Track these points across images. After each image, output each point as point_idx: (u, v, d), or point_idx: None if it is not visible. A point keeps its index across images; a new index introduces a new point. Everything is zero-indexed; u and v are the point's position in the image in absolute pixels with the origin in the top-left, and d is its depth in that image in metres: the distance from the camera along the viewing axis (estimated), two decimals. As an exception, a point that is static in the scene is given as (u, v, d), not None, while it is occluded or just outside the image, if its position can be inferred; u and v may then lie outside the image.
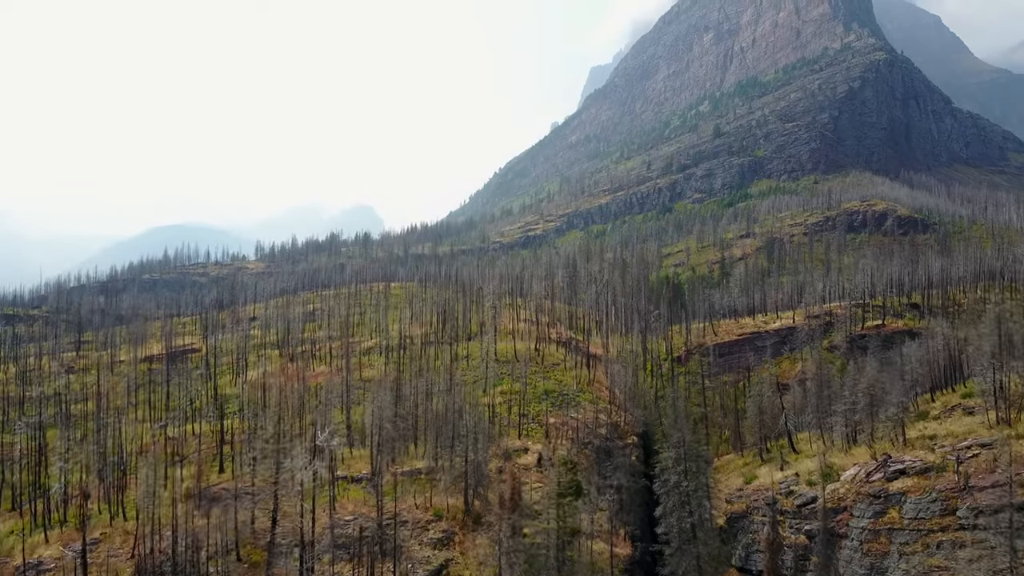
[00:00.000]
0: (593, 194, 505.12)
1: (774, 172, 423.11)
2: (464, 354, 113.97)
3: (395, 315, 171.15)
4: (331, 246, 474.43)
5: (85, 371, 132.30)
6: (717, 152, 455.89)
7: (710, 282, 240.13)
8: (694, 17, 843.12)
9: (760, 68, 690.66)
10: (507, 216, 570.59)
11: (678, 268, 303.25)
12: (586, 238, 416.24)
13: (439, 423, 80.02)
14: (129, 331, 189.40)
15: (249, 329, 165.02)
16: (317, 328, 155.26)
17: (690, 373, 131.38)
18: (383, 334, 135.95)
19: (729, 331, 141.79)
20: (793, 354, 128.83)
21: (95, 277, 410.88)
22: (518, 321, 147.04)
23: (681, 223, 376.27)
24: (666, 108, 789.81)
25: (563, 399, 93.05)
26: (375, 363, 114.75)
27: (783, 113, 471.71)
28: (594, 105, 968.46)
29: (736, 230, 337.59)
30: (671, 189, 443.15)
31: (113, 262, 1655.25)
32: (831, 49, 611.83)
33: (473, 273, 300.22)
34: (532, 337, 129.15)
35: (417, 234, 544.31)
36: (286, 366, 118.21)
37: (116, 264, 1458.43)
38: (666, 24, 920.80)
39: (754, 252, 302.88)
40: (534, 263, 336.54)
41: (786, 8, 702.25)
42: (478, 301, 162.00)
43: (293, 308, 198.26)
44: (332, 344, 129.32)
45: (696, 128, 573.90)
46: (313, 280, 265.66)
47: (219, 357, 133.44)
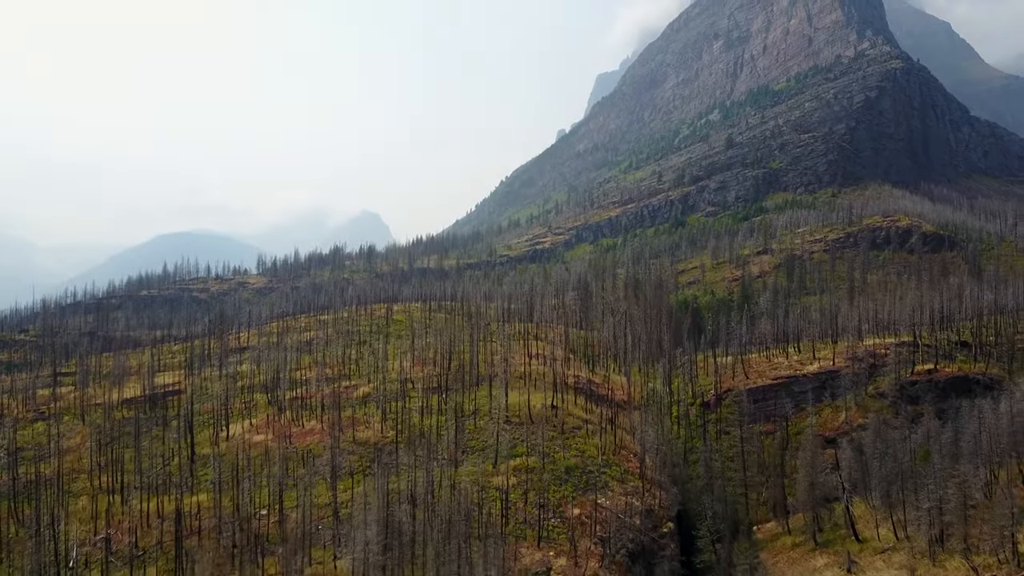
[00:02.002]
0: (602, 206, 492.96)
1: (790, 185, 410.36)
2: (471, 409, 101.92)
3: (397, 346, 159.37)
4: (335, 259, 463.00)
5: (58, 417, 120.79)
6: (731, 163, 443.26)
7: (729, 305, 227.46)
8: (703, 24, 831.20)
9: (771, 76, 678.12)
10: (514, 228, 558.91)
11: (693, 286, 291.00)
12: (596, 252, 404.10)
13: (441, 540, 66.47)
14: (115, 360, 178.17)
15: (239, 364, 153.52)
16: (312, 364, 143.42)
17: (721, 420, 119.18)
18: (381, 375, 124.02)
19: (762, 372, 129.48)
20: (836, 402, 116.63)
21: (92, 292, 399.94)
22: (530, 359, 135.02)
23: (695, 238, 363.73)
24: (675, 117, 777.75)
25: (587, 478, 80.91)
26: (371, 416, 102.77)
27: (798, 123, 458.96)
28: (601, 113, 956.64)
29: (752, 246, 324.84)
30: (683, 202, 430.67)
31: (121, 270, 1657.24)
32: (844, 57, 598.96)
33: (480, 293, 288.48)
34: (547, 381, 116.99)
35: (423, 246, 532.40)
36: (273, 419, 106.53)
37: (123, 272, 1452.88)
38: (674, 31, 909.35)
39: (772, 270, 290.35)
40: (543, 280, 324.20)
41: (798, 15, 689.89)
42: (486, 336, 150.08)
43: (289, 336, 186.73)
44: (325, 390, 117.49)
45: (707, 138, 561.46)
46: (313, 302, 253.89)
47: (203, 400, 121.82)
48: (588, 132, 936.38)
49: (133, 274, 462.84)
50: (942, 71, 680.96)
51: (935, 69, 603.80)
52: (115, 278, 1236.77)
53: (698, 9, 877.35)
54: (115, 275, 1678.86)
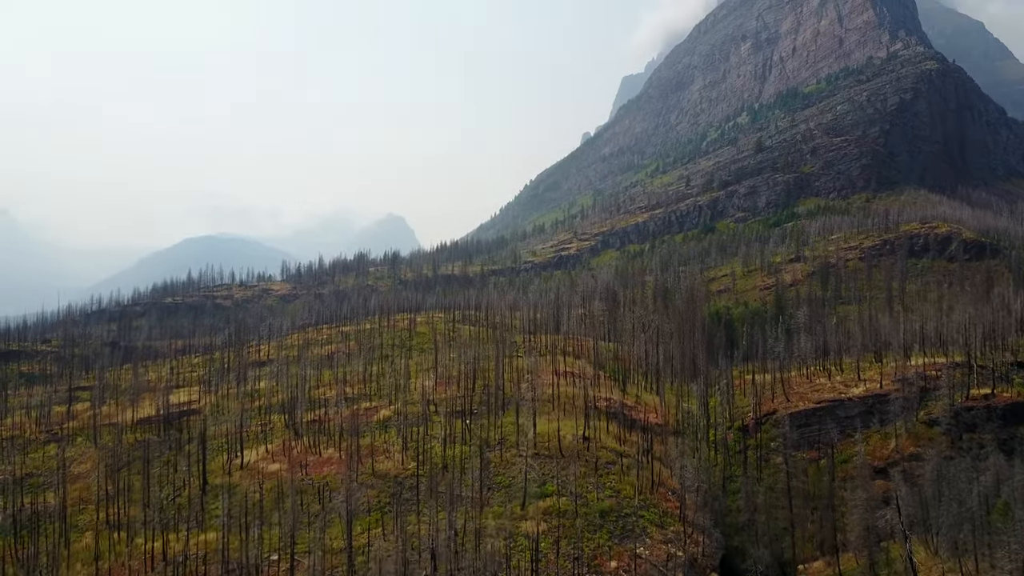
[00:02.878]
0: (629, 211, 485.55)
1: (822, 190, 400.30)
2: (497, 439, 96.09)
3: (419, 363, 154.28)
4: (359, 265, 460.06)
5: (70, 439, 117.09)
6: (760, 168, 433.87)
7: (763, 316, 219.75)
8: (730, 26, 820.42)
9: (801, 78, 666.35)
10: (539, 233, 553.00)
11: (723, 295, 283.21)
12: (623, 259, 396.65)
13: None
14: (133, 374, 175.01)
15: (257, 380, 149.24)
16: (332, 381, 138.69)
17: (760, 446, 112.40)
18: (403, 396, 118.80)
19: (803, 394, 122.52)
20: (884, 428, 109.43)
21: (117, 298, 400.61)
22: (558, 378, 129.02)
23: (724, 245, 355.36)
24: (702, 120, 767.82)
25: (623, 524, 74.75)
26: (391, 445, 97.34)
27: (830, 127, 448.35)
28: (627, 116, 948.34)
29: (785, 253, 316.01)
30: (712, 207, 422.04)
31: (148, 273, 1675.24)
32: (876, 58, 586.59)
33: (505, 302, 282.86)
34: (576, 406, 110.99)
35: (447, 252, 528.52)
36: (289, 444, 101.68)
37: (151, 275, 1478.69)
38: (701, 33, 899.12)
39: (805, 278, 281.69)
40: (569, 289, 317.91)
41: (828, 16, 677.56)
42: (512, 352, 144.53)
43: (310, 348, 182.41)
44: (344, 412, 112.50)
45: (736, 141, 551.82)
46: (336, 311, 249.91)
47: (219, 421, 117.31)
48: (614, 135, 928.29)
49: (161, 277, 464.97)
50: (976, 72, 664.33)
51: (969, 70, 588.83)
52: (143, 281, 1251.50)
53: (725, 11, 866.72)
54: (143, 278, 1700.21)
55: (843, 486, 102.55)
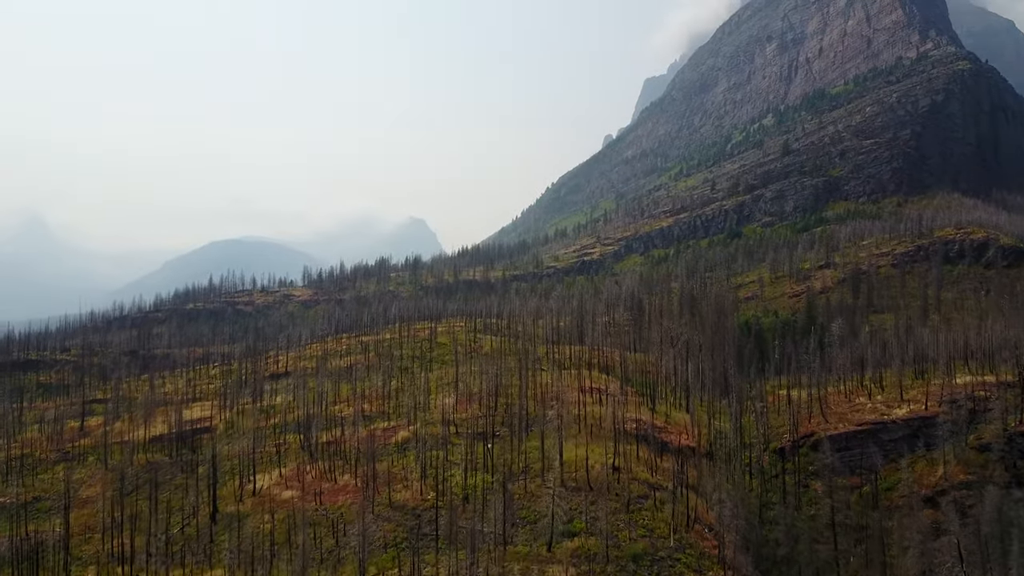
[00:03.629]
0: (653, 215, 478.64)
1: (851, 193, 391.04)
2: (521, 467, 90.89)
3: (440, 377, 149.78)
4: (380, 271, 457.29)
5: (81, 459, 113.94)
6: (788, 171, 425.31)
7: (793, 326, 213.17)
8: (755, 27, 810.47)
9: (828, 80, 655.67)
10: (561, 238, 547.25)
11: (751, 303, 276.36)
12: (647, 264, 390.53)
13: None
14: (149, 386, 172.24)
15: (274, 395, 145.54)
16: (351, 396, 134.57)
17: (798, 471, 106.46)
18: (422, 415, 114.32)
19: (842, 415, 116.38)
20: (931, 453, 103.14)
21: (139, 303, 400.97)
22: (584, 394, 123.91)
23: (751, 250, 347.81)
24: (727, 122, 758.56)
25: (658, 569, 69.12)
26: (410, 471, 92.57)
27: (859, 129, 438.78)
28: (650, 119, 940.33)
29: (814, 259, 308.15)
30: (738, 211, 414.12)
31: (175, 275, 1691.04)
32: (906, 59, 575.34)
33: (527, 309, 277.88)
34: (604, 428, 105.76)
35: (468, 257, 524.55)
36: (304, 469, 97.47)
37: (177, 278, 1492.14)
38: (725, 35, 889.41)
39: (836, 285, 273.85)
40: (592, 295, 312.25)
41: (856, 16, 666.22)
42: (535, 367, 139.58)
43: (329, 360, 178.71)
44: (361, 432, 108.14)
45: (761, 144, 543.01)
46: (356, 319, 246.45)
47: (233, 440, 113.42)
48: (636, 138, 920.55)
49: (186, 280, 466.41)
50: (1008, 71, 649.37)
51: (1001, 69, 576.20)
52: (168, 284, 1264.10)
53: (750, 12, 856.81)
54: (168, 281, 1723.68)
55: (888, 515, 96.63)
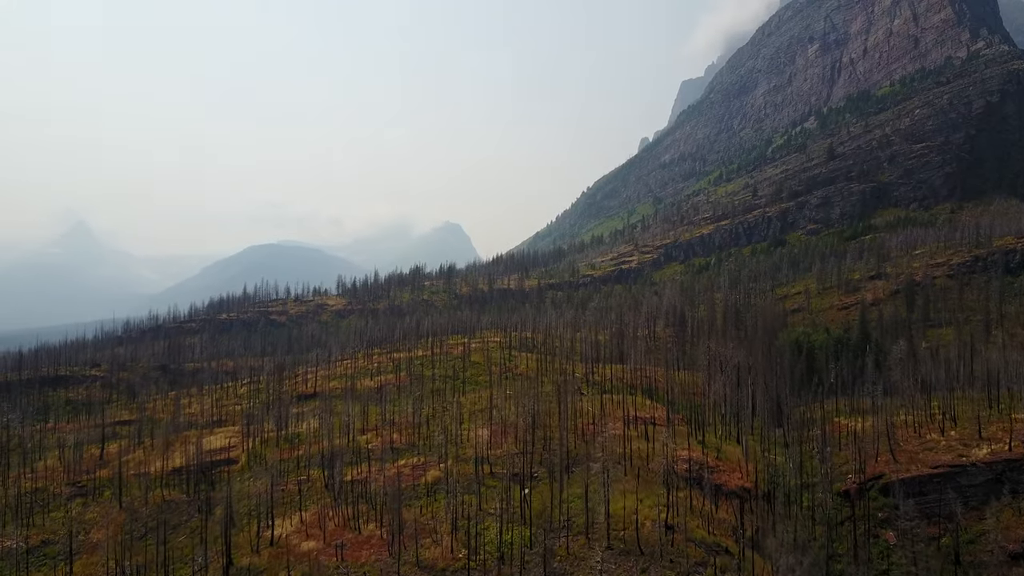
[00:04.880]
0: (693, 222, 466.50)
1: (901, 200, 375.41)
2: (561, 519, 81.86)
3: (472, 401, 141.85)
4: (414, 280, 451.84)
5: (96, 494, 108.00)
6: (833, 176, 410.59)
7: (846, 343, 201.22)
8: (796, 28, 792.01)
9: (873, 81, 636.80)
10: (598, 245, 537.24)
11: (798, 315, 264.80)
12: (688, 274, 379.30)
13: None
14: (176, 408, 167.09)
15: (301, 419, 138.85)
16: (379, 425, 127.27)
17: (867, 517, 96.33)
18: (454, 450, 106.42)
19: (913, 454, 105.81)
20: (1019, 502, 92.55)
21: (174, 312, 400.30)
22: (628, 428, 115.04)
23: (796, 259, 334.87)
24: (767, 125, 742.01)
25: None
26: (439, 520, 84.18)
27: (909, 132, 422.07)
28: (688, 122, 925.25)
29: (863, 269, 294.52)
30: (782, 218, 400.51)
31: (212, 280, 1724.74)
32: (956, 59, 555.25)
33: (564, 321, 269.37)
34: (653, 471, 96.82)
35: (503, 264, 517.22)
36: (327, 514, 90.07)
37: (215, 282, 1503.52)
38: (765, 36, 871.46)
39: (888, 297, 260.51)
40: (632, 307, 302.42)
41: (902, 15, 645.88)
42: (575, 392, 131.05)
43: (359, 381, 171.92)
44: (389, 469, 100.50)
45: (804, 148, 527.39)
46: (389, 335, 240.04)
47: (253, 476, 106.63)
48: (674, 142, 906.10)
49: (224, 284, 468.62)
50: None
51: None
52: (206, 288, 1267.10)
53: (791, 12, 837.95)
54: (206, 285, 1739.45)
55: (971, 573, 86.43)
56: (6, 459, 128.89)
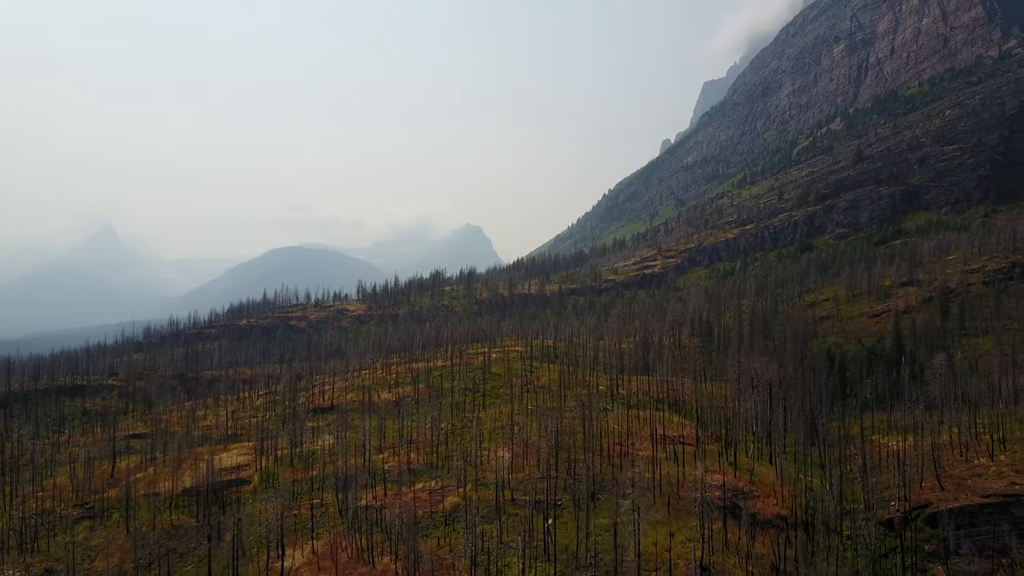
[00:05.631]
0: (717, 226, 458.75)
1: (933, 203, 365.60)
2: (587, 555, 76.49)
3: (493, 417, 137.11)
4: (434, 284, 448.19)
5: (105, 515, 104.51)
6: (861, 179, 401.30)
7: (880, 354, 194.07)
8: (822, 28, 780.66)
9: (900, 81, 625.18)
10: (620, 249, 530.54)
11: (825, 322, 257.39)
12: (712, 279, 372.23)
13: None
14: (192, 418, 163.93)
15: (316, 435, 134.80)
16: (396, 442, 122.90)
17: (915, 551, 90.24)
18: (474, 472, 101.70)
19: (961, 481, 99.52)
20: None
21: (194, 318, 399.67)
22: (657, 449, 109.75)
23: (824, 264, 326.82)
24: (791, 126, 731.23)
25: None
26: (457, 555, 79.11)
27: (940, 134, 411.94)
28: (711, 123, 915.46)
29: (894, 275, 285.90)
30: (808, 222, 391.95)
31: (236, 282, 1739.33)
32: (987, 58, 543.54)
33: (586, 327, 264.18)
34: (684, 498, 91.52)
35: (523, 269, 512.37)
36: (340, 543, 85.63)
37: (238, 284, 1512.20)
38: (789, 36, 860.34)
39: (921, 305, 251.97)
40: (656, 313, 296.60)
41: (931, 14, 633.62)
42: (599, 404, 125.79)
43: (377, 393, 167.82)
44: (405, 494, 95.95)
45: (831, 150, 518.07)
46: (409, 342, 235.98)
47: (265, 499, 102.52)
48: (696, 143, 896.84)
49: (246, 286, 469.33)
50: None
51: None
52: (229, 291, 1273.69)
53: (815, 12, 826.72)
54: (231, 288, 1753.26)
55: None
56: (16, 475, 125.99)
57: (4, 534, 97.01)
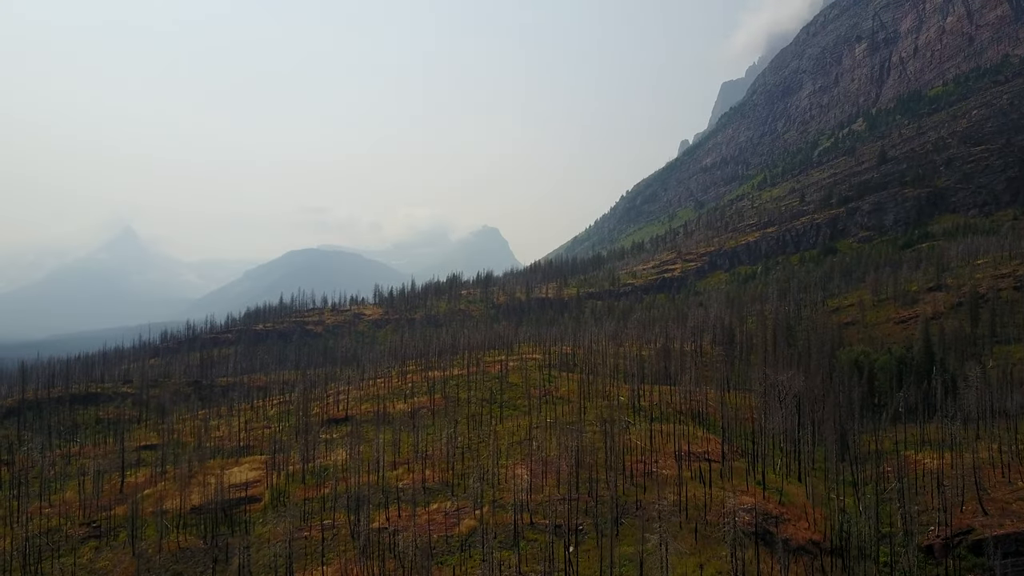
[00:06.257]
0: (737, 229, 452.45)
1: (960, 206, 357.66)
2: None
3: (511, 430, 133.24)
4: (451, 288, 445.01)
5: (112, 535, 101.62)
6: (886, 181, 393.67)
7: (909, 363, 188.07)
8: (843, 27, 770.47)
9: (924, 80, 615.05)
10: (638, 252, 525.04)
11: (850, 328, 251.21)
12: (733, 283, 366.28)
13: None
14: (204, 429, 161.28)
15: (329, 449, 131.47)
16: (411, 459, 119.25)
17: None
18: (492, 493, 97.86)
19: (1005, 504, 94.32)
20: None
21: (211, 321, 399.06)
22: (682, 467, 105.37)
23: (848, 268, 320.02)
24: (812, 127, 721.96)
25: None
26: (476, 583, 75.71)
27: (966, 134, 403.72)
28: (730, 124, 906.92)
29: (921, 280, 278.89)
30: (831, 225, 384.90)
31: (255, 284, 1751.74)
32: (1014, 56, 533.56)
33: (604, 332, 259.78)
34: (712, 526, 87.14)
35: (540, 272, 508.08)
36: (351, 572, 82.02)
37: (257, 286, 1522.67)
38: (810, 36, 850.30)
39: (950, 311, 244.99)
40: (676, 318, 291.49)
41: (955, 12, 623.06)
42: (622, 427, 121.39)
43: (392, 404, 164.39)
44: (420, 515, 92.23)
45: (853, 151, 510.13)
46: (425, 349, 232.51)
47: (276, 519, 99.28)
48: (715, 145, 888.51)
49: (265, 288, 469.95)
50: None
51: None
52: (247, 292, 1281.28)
53: (836, 11, 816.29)
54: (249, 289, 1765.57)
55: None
56: (25, 489, 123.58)
57: (8, 555, 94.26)
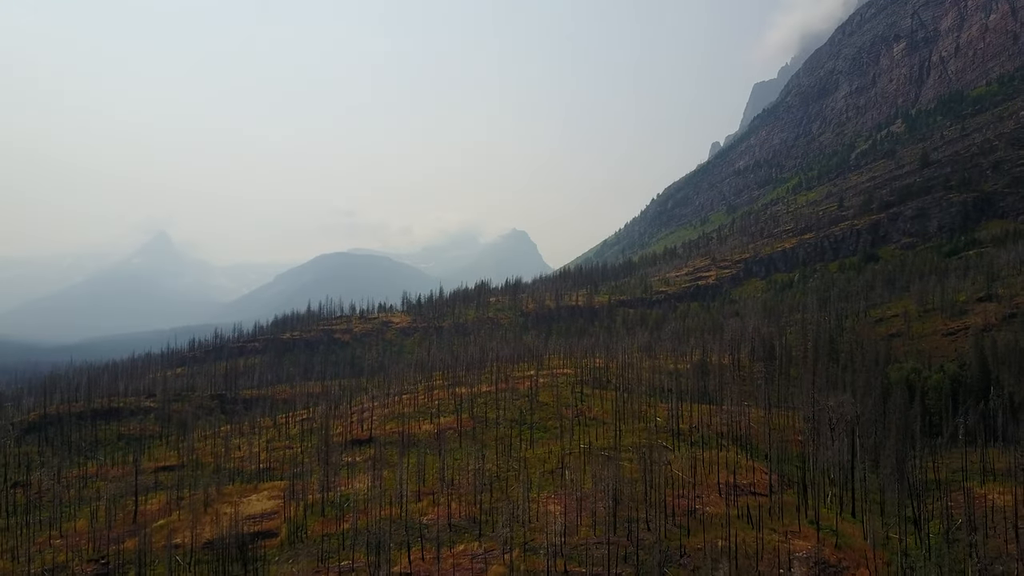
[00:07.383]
0: (773, 234, 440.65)
1: (1009, 211, 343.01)
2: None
3: (542, 457, 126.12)
4: (479, 296, 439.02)
5: (120, 572, 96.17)
6: (929, 185, 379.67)
7: (963, 381, 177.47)
8: (880, 26, 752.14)
9: (966, 81, 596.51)
10: (671, 258, 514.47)
11: (895, 341, 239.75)
12: (770, 291, 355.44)
13: None
14: (225, 449, 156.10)
15: (351, 475, 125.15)
16: (436, 488, 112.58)
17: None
18: (522, 532, 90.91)
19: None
20: None
21: (239, 328, 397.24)
22: (727, 503, 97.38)
23: (891, 276, 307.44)
24: (848, 129, 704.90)
25: None
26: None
27: (1014, 136, 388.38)
28: (763, 126, 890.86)
29: (970, 289, 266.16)
30: (872, 231, 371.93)
31: (285, 287, 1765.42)
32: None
33: (638, 342, 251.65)
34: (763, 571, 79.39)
35: (570, 279, 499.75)
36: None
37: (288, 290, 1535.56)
38: (845, 35, 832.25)
39: (1002, 322, 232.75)
40: (711, 329, 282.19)
41: (999, 10, 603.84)
42: (661, 458, 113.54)
43: (418, 424, 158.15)
44: (445, 559, 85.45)
45: (893, 154, 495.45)
46: (452, 362, 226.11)
47: (295, 552, 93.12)
48: (748, 147, 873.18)
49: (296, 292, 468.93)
50: None
51: None
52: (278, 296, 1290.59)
53: (874, 10, 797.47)
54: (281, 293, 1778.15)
55: None
56: (37, 515, 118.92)
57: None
